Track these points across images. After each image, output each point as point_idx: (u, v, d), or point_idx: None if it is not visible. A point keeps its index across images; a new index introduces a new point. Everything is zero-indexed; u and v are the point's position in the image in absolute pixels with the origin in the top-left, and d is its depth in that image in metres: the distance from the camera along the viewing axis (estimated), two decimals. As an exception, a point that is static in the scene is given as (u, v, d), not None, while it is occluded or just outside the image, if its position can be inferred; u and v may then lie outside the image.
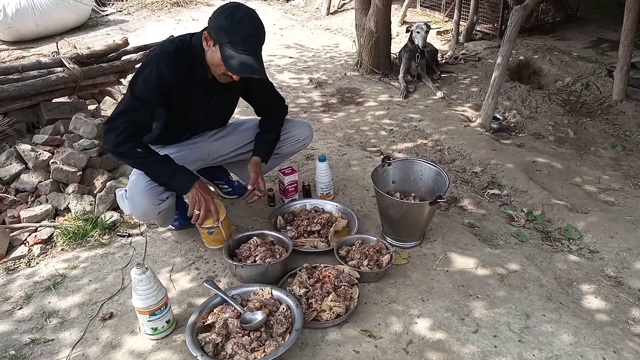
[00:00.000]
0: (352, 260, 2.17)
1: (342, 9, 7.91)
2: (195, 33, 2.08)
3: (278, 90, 2.51)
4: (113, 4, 8.39)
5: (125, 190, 2.16)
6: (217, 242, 2.32)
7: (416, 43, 4.79)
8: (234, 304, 1.87)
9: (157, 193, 2.08)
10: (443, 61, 5.60)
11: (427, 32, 4.81)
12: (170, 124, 2.18)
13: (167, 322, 1.87)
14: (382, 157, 2.55)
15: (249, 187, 2.34)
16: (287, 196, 2.67)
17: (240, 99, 2.42)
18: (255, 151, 2.43)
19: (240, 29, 1.90)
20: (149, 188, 2.05)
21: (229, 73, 1.97)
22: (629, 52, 4.26)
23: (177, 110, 2.12)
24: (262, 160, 2.41)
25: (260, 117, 2.51)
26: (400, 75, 4.92)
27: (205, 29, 1.99)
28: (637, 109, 4.29)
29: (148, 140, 2.20)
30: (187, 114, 2.18)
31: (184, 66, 2.03)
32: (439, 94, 4.69)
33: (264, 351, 1.72)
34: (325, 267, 2.10)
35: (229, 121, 2.51)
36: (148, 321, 1.83)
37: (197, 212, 2.09)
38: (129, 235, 2.52)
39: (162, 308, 1.83)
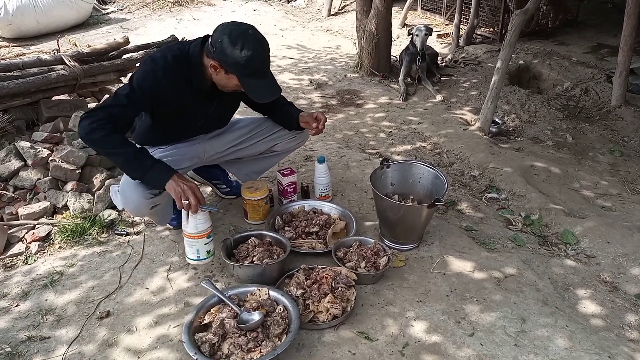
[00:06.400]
0: (350, 262, 2.18)
1: (343, 11, 7.92)
2: (192, 41, 2.08)
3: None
4: (114, 3, 8.39)
5: (119, 186, 2.16)
6: (262, 216, 2.52)
7: (416, 45, 4.81)
8: (231, 304, 1.87)
9: (148, 187, 2.06)
10: (443, 64, 5.61)
11: (426, 34, 4.82)
12: (167, 130, 2.18)
13: (213, 250, 2.10)
14: (381, 159, 2.56)
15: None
16: (286, 197, 2.68)
17: None
18: (293, 115, 2.43)
19: (257, 60, 1.94)
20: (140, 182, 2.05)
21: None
22: (628, 58, 4.27)
23: (174, 118, 2.13)
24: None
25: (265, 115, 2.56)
26: (401, 78, 4.93)
27: (199, 51, 2.01)
28: (636, 114, 4.30)
29: (146, 142, 2.21)
30: (185, 121, 2.19)
31: (181, 75, 2.03)
32: (439, 97, 4.70)
33: (261, 352, 1.72)
34: (323, 268, 2.10)
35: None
36: (205, 244, 2.04)
37: (185, 202, 1.92)
38: (127, 234, 2.52)
39: (211, 234, 2.06)
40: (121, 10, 8.13)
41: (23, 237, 2.52)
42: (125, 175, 2.08)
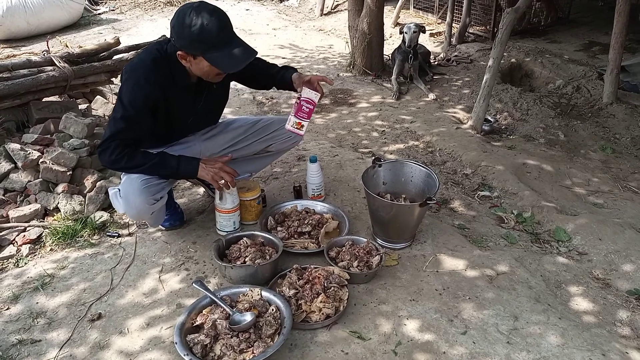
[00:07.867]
0: (342, 261, 2.18)
1: (335, 10, 7.92)
2: (170, 39, 2.05)
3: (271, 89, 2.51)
4: (106, 3, 8.35)
5: (119, 189, 2.15)
6: (254, 216, 2.53)
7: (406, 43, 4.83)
8: (223, 305, 1.86)
9: (152, 192, 2.08)
10: (435, 63, 5.62)
11: (415, 32, 4.83)
12: (158, 131, 2.17)
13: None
14: (373, 158, 2.56)
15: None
16: (297, 115, 2.20)
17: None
18: (288, 75, 2.31)
19: (210, 30, 1.86)
20: (144, 187, 2.05)
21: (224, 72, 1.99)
22: (619, 55, 4.29)
23: (163, 119, 2.12)
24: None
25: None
26: (393, 77, 4.93)
27: (171, 45, 1.97)
28: (627, 112, 4.32)
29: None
30: (174, 121, 2.17)
31: (164, 76, 2.01)
32: (431, 96, 4.70)
33: (253, 352, 1.72)
34: (315, 268, 2.10)
35: (219, 120, 2.50)
36: (238, 215, 2.37)
37: (221, 182, 2.14)
38: (119, 236, 2.51)
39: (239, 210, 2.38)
40: (113, 10, 8.09)
41: (14, 239, 2.50)
42: (127, 181, 2.09)
